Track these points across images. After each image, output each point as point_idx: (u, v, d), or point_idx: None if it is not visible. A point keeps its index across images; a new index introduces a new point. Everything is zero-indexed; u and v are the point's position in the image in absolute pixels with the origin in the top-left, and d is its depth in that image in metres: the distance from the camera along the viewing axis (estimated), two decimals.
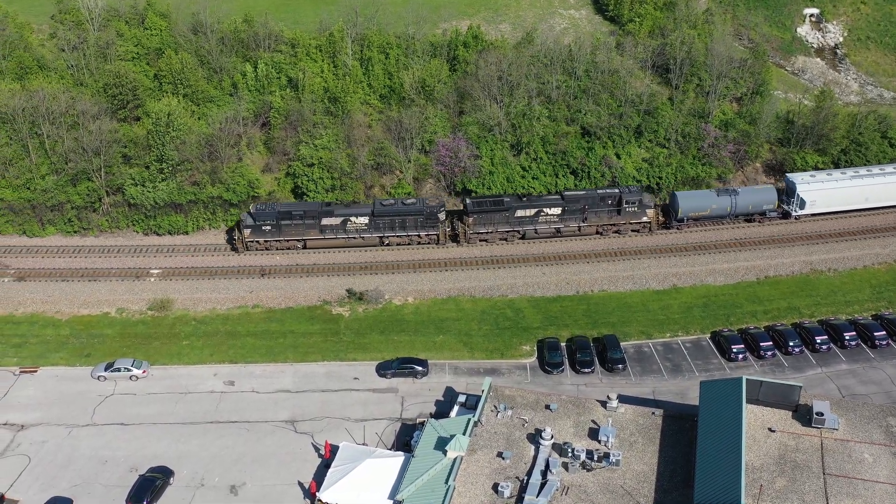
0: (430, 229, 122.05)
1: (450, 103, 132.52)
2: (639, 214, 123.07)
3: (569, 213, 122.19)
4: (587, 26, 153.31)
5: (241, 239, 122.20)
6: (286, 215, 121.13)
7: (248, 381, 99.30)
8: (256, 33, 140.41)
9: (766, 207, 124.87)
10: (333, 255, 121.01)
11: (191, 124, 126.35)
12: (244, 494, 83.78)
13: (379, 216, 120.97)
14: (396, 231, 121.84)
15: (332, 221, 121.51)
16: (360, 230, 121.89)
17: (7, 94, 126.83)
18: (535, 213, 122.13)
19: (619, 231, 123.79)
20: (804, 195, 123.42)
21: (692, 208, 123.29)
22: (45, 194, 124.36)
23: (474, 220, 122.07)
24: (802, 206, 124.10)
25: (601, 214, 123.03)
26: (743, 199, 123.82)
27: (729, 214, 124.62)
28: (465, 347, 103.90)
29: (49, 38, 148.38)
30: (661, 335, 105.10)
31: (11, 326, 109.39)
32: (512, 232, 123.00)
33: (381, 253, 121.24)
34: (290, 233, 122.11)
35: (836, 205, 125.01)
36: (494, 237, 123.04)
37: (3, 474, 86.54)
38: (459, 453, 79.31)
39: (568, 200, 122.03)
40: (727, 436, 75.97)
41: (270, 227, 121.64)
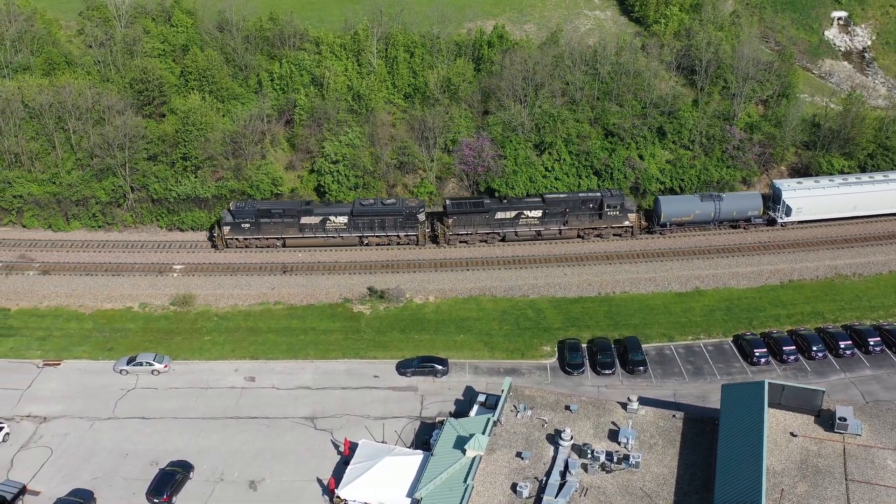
0: (409, 230, 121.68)
1: (474, 103, 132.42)
2: (620, 218, 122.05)
3: (549, 215, 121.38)
4: (612, 27, 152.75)
5: (220, 236, 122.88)
6: (265, 213, 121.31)
7: (269, 378, 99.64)
8: (282, 31, 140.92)
9: (751, 214, 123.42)
10: (355, 254, 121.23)
11: (215, 121, 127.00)
12: (263, 490, 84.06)
13: (358, 216, 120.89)
14: (376, 231, 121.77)
15: (312, 220, 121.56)
16: (339, 229, 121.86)
17: (35, 89, 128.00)
18: (515, 215, 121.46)
19: (601, 235, 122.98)
20: (790, 202, 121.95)
21: (675, 213, 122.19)
22: (70, 189, 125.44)
23: (454, 222, 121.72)
24: (788, 213, 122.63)
25: (582, 218, 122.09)
26: (727, 204, 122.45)
27: (713, 220, 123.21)
28: (486, 347, 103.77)
29: (77, 35, 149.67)
30: (683, 338, 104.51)
31: (36, 319, 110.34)
32: (492, 234, 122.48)
33: (402, 252, 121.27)
34: (269, 231, 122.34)
35: (823, 212, 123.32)
36: (474, 239, 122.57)
37: (26, 466, 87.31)
38: (478, 453, 79.15)
39: (549, 203, 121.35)
40: (748, 440, 75.35)
41: (250, 224, 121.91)
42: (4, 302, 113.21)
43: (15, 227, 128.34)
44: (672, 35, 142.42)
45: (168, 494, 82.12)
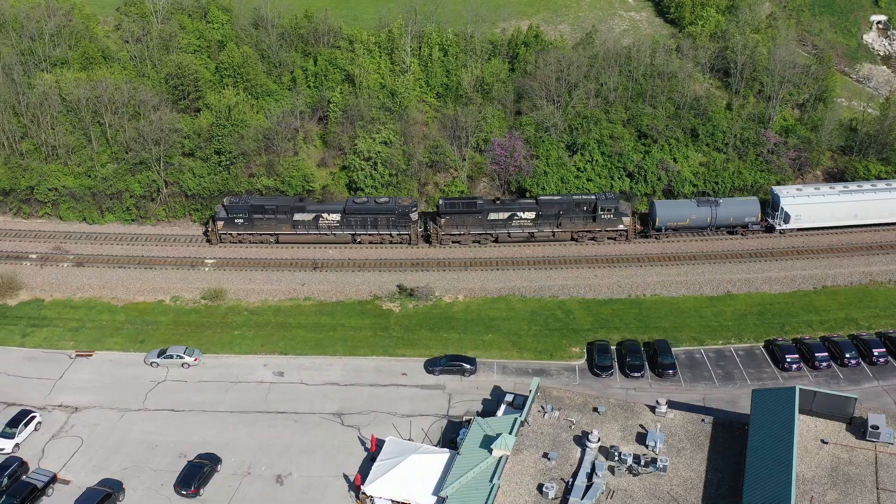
0: (401, 229, 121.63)
1: (507, 103, 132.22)
2: (615, 222, 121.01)
3: (543, 218, 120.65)
4: (647, 28, 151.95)
5: (214, 231, 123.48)
6: (259, 209, 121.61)
7: (298, 373, 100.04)
8: (316, 29, 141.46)
9: (748, 220, 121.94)
10: (385, 251, 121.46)
11: (249, 117, 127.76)
12: (290, 484, 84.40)
13: (350, 214, 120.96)
14: (368, 229, 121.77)
15: (305, 217, 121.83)
16: (332, 227, 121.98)
17: (72, 83, 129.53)
18: (508, 216, 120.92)
19: (595, 238, 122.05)
20: (788, 209, 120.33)
21: (670, 218, 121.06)
22: (105, 182, 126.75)
23: (446, 222, 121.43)
24: (787, 220, 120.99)
25: (576, 221, 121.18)
26: (724, 210, 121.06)
27: (709, 226, 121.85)
28: (514, 347, 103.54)
29: (114, 30, 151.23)
30: (714, 342, 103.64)
31: (69, 310, 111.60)
32: (485, 235, 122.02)
33: (432, 250, 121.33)
34: (262, 227, 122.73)
35: (822, 220, 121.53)
36: (467, 239, 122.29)
37: (57, 455, 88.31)
38: (505, 452, 79.01)
39: (542, 205, 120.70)
40: (778, 446, 74.62)
41: (243, 220, 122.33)
42: (39, 293, 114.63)
43: (51, 219, 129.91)
44: (707, 37, 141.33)
45: (196, 486, 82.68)
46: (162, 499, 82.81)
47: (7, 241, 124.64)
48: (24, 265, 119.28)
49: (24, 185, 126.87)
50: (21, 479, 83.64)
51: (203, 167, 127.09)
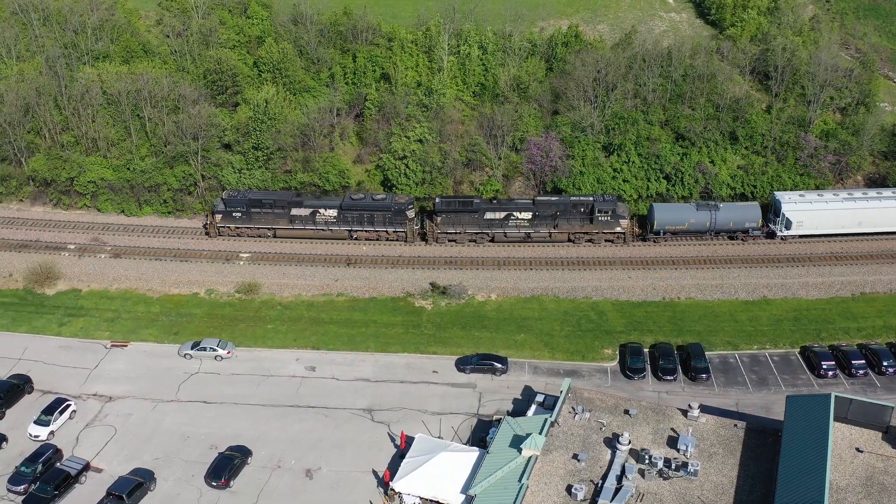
0: (397, 226, 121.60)
1: (544, 102, 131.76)
2: (612, 224, 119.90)
3: (539, 218, 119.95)
4: (687, 30, 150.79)
5: (212, 224, 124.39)
6: (256, 203, 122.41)
7: (329, 368, 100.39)
8: (355, 26, 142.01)
9: (748, 225, 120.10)
10: (419, 249, 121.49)
11: (287, 113, 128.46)
12: (319, 479, 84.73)
13: (347, 210, 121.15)
14: (364, 226, 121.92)
15: (302, 212, 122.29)
16: (328, 223, 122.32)
17: (113, 76, 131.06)
18: (504, 216, 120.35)
19: (593, 240, 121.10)
20: (790, 215, 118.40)
21: (669, 221, 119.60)
22: (143, 175, 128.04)
23: (442, 220, 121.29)
24: (788, 226, 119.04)
25: (573, 222, 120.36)
26: (724, 214, 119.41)
27: (709, 230, 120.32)
28: (546, 347, 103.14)
29: (155, 25, 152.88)
30: (748, 347, 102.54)
31: (106, 301, 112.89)
32: (481, 234, 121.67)
33: (465, 249, 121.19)
34: (259, 221, 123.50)
35: (825, 227, 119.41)
36: (463, 238, 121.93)
37: (91, 443, 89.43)
38: (534, 452, 78.71)
39: (539, 206, 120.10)
40: (812, 453, 73.63)
41: (241, 214, 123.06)
42: (76, 283, 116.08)
43: (89, 211, 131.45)
44: (748, 39, 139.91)
45: (226, 478, 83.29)
46: (192, 490, 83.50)
47: (46, 231, 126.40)
48: (63, 255, 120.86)
49: (65, 176, 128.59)
50: (55, 466, 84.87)
51: (242, 161, 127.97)
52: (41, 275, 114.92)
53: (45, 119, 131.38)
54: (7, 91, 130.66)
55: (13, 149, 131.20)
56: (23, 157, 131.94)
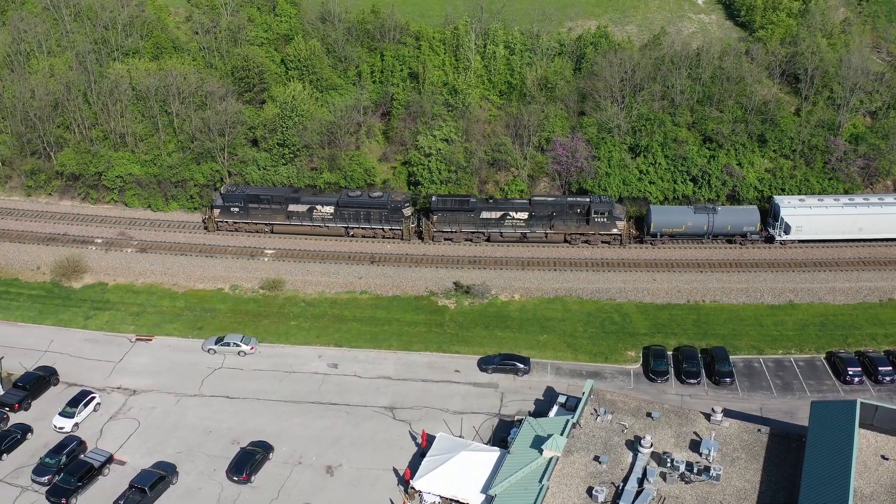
0: (394, 224, 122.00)
1: (570, 103, 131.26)
2: (608, 226, 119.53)
3: (535, 218, 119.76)
4: (717, 31, 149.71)
5: (210, 219, 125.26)
6: (254, 199, 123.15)
7: (352, 366, 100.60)
8: (383, 24, 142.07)
9: (746, 229, 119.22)
10: (443, 248, 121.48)
11: (313, 111, 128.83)
12: (339, 475, 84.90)
13: (343, 207, 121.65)
14: (361, 223, 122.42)
15: (299, 208, 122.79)
16: (325, 219, 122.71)
17: (142, 72, 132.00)
18: (500, 216, 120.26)
19: (589, 241, 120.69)
20: (789, 220, 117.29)
21: (666, 224, 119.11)
22: (170, 171, 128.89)
23: (438, 219, 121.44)
24: (787, 231, 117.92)
25: (569, 223, 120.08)
26: (721, 218, 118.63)
27: (706, 233, 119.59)
28: (569, 348, 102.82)
29: (184, 21, 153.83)
30: (773, 351, 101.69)
31: (131, 295, 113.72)
32: (477, 233, 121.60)
33: (489, 248, 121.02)
34: (257, 216, 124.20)
35: (825, 232, 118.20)
36: (459, 237, 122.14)
37: (114, 436, 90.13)
38: (555, 453, 78.46)
39: (535, 206, 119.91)
40: (836, 459, 72.89)
41: (238, 209, 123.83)
42: (103, 276, 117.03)
43: (117, 205, 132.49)
44: (778, 41, 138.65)
45: (247, 473, 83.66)
46: (214, 484, 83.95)
47: (74, 225, 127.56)
48: (90, 249, 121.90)
49: (93, 170, 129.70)
50: (79, 457, 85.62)
51: (267, 159, 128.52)
52: (68, 268, 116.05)
53: (75, 114, 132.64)
54: (38, 86, 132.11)
55: (43, 143, 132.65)
56: (52, 151, 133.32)
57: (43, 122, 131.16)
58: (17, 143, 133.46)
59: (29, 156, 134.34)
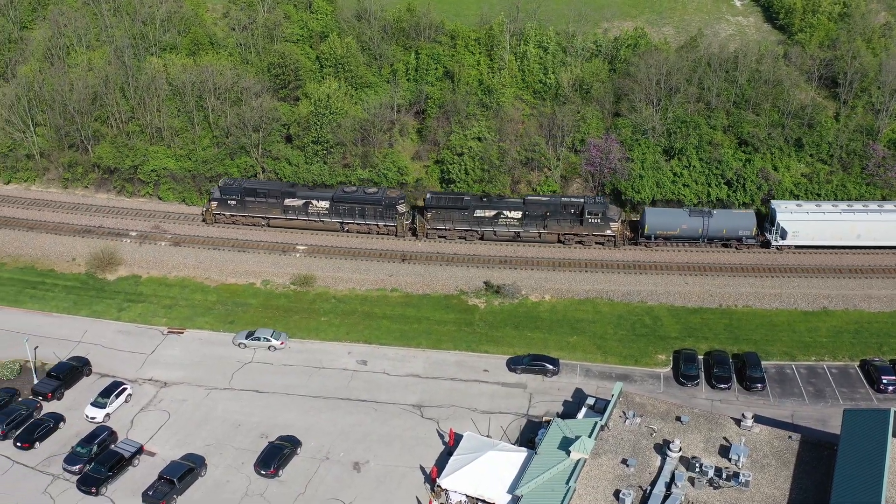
0: (388, 220, 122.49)
1: (605, 104, 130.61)
2: (602, 227, 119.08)
3: (529, 218, 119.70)
4: (754, 34, 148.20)
5: (209, 211, 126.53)
6: (251, 192, 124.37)
7: (381, 363, 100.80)
8: (418, 23, 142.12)
9: (742, 233, 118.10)
10: (473, 247, 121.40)
11: (347, 108, 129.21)
12: (366, 472, 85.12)
13: (339, 202, 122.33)
14: (356, 219, 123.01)
15: (295, 203, 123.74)
16: (321, 214, 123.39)
17: (179, 68, 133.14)
18: (494, 214, 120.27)
19: (583, 242, 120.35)
20: (785, 225, 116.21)
21: (660, 226, 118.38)
22: (205, 165, 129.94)
23: (432, 216, 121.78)
24: (784, 236, 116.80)
25: (563, 223, 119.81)
26: (717, 221, 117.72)
27: (701, 237, 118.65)
28: (599, 350, 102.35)
29: (221, 17, 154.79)
30: (806, 358, 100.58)
31: (164, 288, 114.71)
32: (471, 231, 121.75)
33: (521, 248, 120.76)
34: (253, 209, 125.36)
35: (822, 238, 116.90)
36: (453, 235, 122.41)
37: (144, 427, 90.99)
38: (583, 455, 78.15)
39: (529, 205, 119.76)
40: (868, 468, 71.96)
41: (235, 202, 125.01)
42: (137, 269, 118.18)
43: (151, 199, 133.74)
44: (816, 45, 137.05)
45: (275, 467, 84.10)
46: (242, 477, 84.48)
47: (109, 218, 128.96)
48: (124, 242, 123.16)
49: (129, 164, 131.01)
50: (110, 447, 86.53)
51: (299, 156, 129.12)
52: (103, 260, 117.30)
53: (112, 108, 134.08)
54: (77, 79, 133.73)
55: (80, 136, 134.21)
56: (89, 144, 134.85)
57: (81, 115, 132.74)
58: (56, 136, 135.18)
59: (66, 149, 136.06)
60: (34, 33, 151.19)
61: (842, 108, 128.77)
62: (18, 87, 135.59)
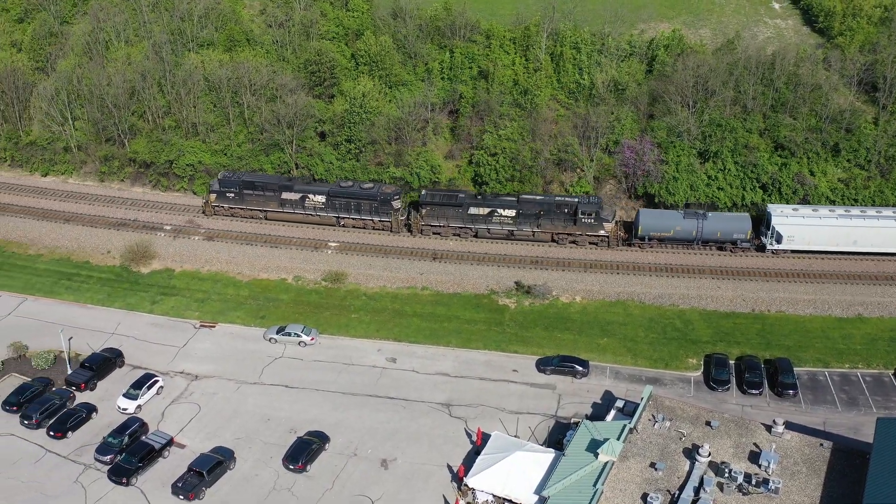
0: (383, 216, 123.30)
1: (640, 105, 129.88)
2: (595, 227, 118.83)
3: (523, 216, 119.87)
4: (793, 37, 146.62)
5: (208, 203, 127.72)
6: (249, 185, 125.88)
7: (410, 361, 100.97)
8: (454, 22, 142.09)
9: (737, 236, 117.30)
10: (505, 247, 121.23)
11: (381, 106, 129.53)
12: (394, 469, 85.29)
13: (334, 196, 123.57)
14: (351, 214, 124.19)
15: (292, 196, 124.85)
16: (317, 208, 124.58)
17: (215, 63, 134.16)
18: (488, 212, 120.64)
19: (576, 241, 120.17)
20: (780, 229, 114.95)
21: (654, 228, 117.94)
22: (239, 161, 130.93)
23: (427, 213, 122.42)
24: (779, 240, 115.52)
25: (556, 222, 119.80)
26: (711, 224, 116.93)
27: (695, 239, 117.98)
28: (629, 353, 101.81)
29: (258, 14, 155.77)
30: (840, 365, 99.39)
31: (197, 282, 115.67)
32: (465, 228, 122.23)
33: (552, 249, 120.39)
34: (251, 202, 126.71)
35: (818, 243, 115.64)
36: (447, 231, 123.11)
37: (175, 419, 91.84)
38: (611, 458, 77.77)
39: (523, 204, 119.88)
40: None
41: (234, 194, 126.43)
42: (170, 263, 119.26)
43: (186, 194, 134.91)
44: (857, 49, 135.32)
45: (303, 462, 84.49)
46: (270, 471, 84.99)
47: (144, 211, 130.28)
48: (159, 236, 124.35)
49: (164, 158, 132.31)
50: (140, 438, 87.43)
51: (333, 153, 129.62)
52: (137, 253, 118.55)
53: (149, 102, 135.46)
54: (115, 74, 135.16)
55: (117, 130, 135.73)
56: (126, 138, 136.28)
57: (118, 109, 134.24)
58: (93, 130, 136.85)
59: (104, 142, 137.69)
60: (74, 28, 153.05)
61: (881, 113, 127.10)
62: (58, 80, 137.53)
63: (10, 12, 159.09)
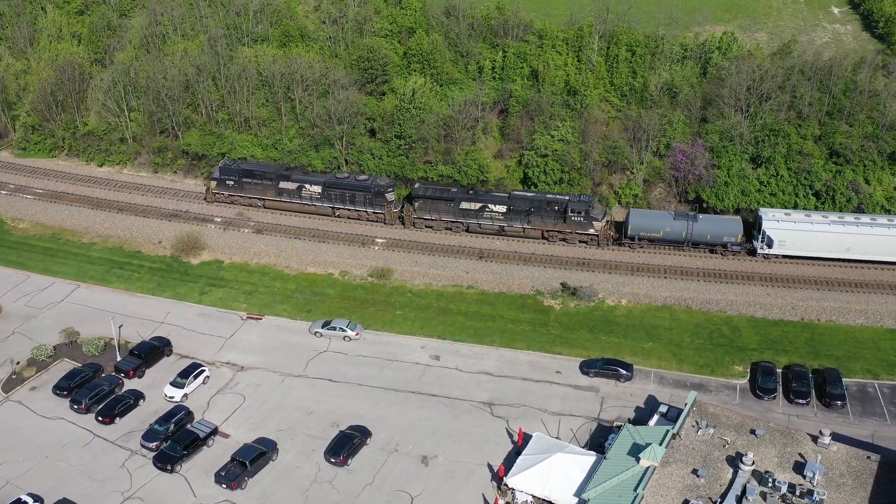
0: (377, 207, 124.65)
1: (693, 109, 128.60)
2: (584, 225, 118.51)
3: (513, 213, 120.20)
4: (851, 43, 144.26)
5: (209, 190, 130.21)
6: (248, 174, 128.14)
7: (453, 359, 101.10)
8: (506, 21, 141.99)
9: (727, 239, 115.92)
10: (550, 248, 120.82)
11: (432, 104, 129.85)
12: (434, 466, 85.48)
13: (330, 187, 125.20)
14: (346, 205, 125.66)
15: (289, 186, 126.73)
16: (313, 198, 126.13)
17: (270, 59, 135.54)
18: (479, 207, 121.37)
19: (566, 239, 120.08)
20: (771, 233, 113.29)
21: (644, 228, 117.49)
22: (290, 155, 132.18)
23: (419, 206, 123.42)
24: (770, 244, 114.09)
25: (546, 220, 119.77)
26: (701, 226, 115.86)
27: (685, 241, 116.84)
28: (674, 358, 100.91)
29: (313, 11, 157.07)
30: (890, 377, 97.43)
31: (245, 274, 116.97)
32: (456, 223, 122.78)
33: (598, 252, 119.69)
34: (250, 190, 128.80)
35: (810, 249, 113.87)
36: (439, 225, 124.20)
37: (220, 409, 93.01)
38: (653, 463, 77.20)
39: (513, 200, 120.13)
40: None
41: (233, 182, 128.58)
42: (220, 255, 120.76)
43: None
44: None
45: (344, 456, 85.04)
46: (312, 464, 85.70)
47: (196, 203, 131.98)
48: (209, 228, 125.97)
49: (216, 151, 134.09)
50: (186, 427, 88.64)
51: (382, 149, 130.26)
52: (188, 244, 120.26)
53: (203, 96, 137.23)
54: (170, 67, 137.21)
55: (172, 122, 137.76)
56: (179, 130, 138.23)
57: (173, 101, 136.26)
58: (148, 122, 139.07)
59: (158, 134, 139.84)
60: (132, 21, 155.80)
61: None
62: (115, 72, 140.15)
63: (71, 5, 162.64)
